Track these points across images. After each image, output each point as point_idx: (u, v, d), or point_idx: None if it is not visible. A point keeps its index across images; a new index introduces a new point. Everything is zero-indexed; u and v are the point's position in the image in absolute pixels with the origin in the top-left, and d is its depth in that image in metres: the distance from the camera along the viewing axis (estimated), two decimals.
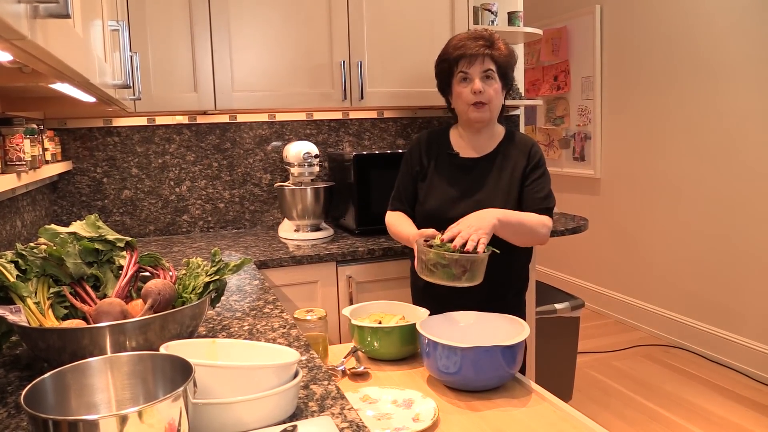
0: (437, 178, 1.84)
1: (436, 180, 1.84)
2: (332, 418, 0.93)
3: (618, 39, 4.16)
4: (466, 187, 1.81)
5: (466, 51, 1.76)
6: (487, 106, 1.77)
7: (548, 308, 2.77)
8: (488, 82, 1.76)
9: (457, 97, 1.80)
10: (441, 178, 1.84)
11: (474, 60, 1.75)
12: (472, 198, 1.78)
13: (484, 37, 1.78)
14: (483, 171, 1.82)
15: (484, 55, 1.74)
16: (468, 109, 1.78)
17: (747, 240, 3.32)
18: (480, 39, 1.77)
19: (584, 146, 4.53)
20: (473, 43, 1.76)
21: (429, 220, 1.79)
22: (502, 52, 1.76)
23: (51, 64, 0.79)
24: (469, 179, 1.81)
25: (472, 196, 1.79)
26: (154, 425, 0.70)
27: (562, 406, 1.28)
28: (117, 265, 1.28)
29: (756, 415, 2.88)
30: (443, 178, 1.84)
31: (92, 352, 1.00)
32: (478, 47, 1.75)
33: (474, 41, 1.76)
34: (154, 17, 2.27)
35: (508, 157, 1.81)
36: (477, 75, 1.75)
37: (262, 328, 1.39)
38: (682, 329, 3.76)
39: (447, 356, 1.31)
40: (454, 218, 1.67)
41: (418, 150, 1.90)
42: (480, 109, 1.77)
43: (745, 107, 3.27)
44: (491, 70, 1.75)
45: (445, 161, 1.86)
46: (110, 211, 2.61)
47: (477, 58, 1.75)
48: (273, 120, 2.78)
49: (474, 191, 1.79)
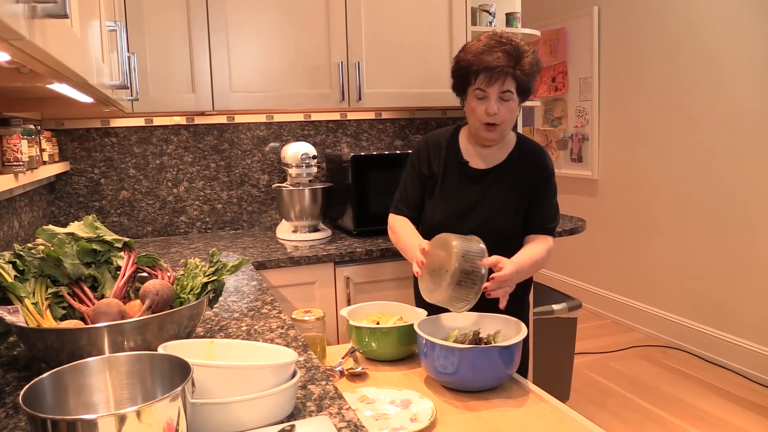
0: (446, 189, 1.77)
1: (445, 191, 1.77)
2: (330, 418, 0.93)
3: (616, 40, 4.17)
4: (475, 200, 1.74)
5: (488, 65, 1.61)
6: (499, 127, 1.68)
7: (546, 309, 2.78)
8: (505, 104, 1.65)
9: (470, 110, 1.70)
10: (450, 188, 1.77)
11: (494, 79, 1.62)
12: (480, 213, 1.73)
13: (509, 49, 1.61)
14: (492, 184, 1.75)
15: (506, 74, 1.61)
16: (479, 128, 1.70)
17: (744, 241, 3.33)
18: (505, 52, 1.61)
19: (582, 147, 4.54)
20: (497, 57, 1.61)
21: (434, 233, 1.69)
22: (527, 67, 1.63)
23: (49, 65, 0.79)
24: (478, 192, 1.75)
25: (480, 210, 1.73)
26: (153, 425, 0.70)
27: (559, 406, 1.29)
28: (115, 266, 1.28)
29: (753, 416, 2.88)
30: (452, 188, 1.77)
31: (90, 352, 1.00)
32: (502, 63, 1.61)
33: (498, 54, 1.61)
34: (151, 18, 2.27)
35: (519, 170, 1.74)
36: (494, 95, 1.64)
37: (260, 329, 1.39)
38: (679, 330, 3.77)
39: (444, 357, 1.31)
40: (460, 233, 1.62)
41: (427, 153, 1.82)
42: (491, 130, 1.69)
43: (744, 108, 3.28)
44: (510, 91, 1.64)
45: (454, 170, 1.78)
46: (108, 212, 2.60)
47: (498, 78, 1.62)
48: (271, 121, 2.78)
49: (482, 206, 1.74)
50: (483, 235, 1.62)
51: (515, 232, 1.75)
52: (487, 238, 1.58)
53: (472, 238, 1.53)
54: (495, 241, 1.66)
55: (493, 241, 1.65)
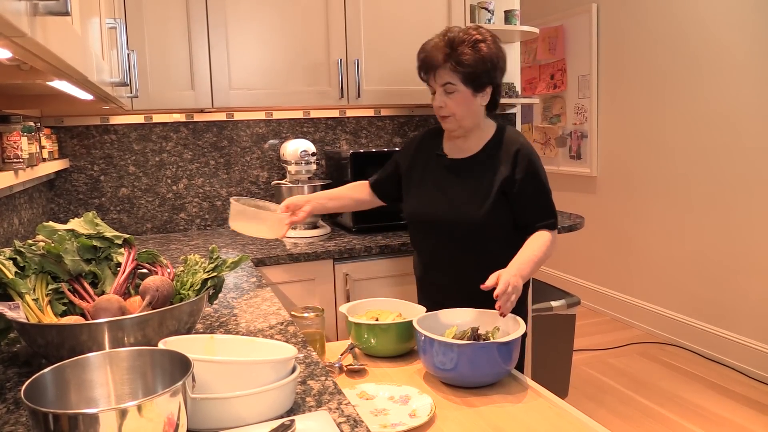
0: (423, 180, 1.83)
1: (422, 181, 1.83)
2: (329, 413, 0.94)
3: (614, 38, 4.17)
4: (447, 188, 1.77)
5: (423, 60, 1.69)
6: (452, 118, 1.70)
7: (544, 306, 2.78)
8: (450, 96, 1.67)
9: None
10: (426, 179, 1.82)
11: (431, 73, 1.67)
12: (450, 200, 1.74)
13: (447, 41, 1.65)
14: (465, 173, 1.76)
15: (438, 67, 1.64)
16: (439, 119, 1.75)
17: (743, 238, 3.33)
18: (442, 44, 1.65)
19: (581, 144, 4.54)
20: (434, 52, 1.65)
21: (411, 222, 1.86)
22: (466, 58, 1.62)
23: (50, 62, 0.79)
24: (451, 181, 1.77)
25: (450, 198, 1.74)
26: (153, 419, 0.71)
27: (558, 402, 1.29)
28: (115, 262, 1.29)
29: (752, 413, 2.89)
30: (427, 179, 1.82)
31: (91, 348, 1.00)
32: (438, 57, 1.64)
33: (436, 48, 1.65)
34: (151, 15, 2.27)
35: (492, 161, 1.73)
36: (438, 88, 1.68)
37: (259, 325, 1.39)
38: (678, 327, 3.78)
39: (443, 353, 1.32)
40: (432, 220, 1.74)
41: (410, 149, 1.90)
42: (446, 121, 1.72)
43: (742, 105, 3.29)
44: (450, 83, 1.64)
45: (432, 162, 1.83)
46: (107, 209, 2.61)
47: (436, 70, 1.66)
48: (270, 118, 2.78)
49: (453, 194, 1.75)
50: (454, 223, 1.72)
51: (493, 224, 1.71)
52: (458, 226, 1.70)
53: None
54: (470, 232, 1.71)
55: (468, 231, 1.72)
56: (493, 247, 1.71)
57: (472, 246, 1.72)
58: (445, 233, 1.75)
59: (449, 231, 1.74)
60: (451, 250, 1.76)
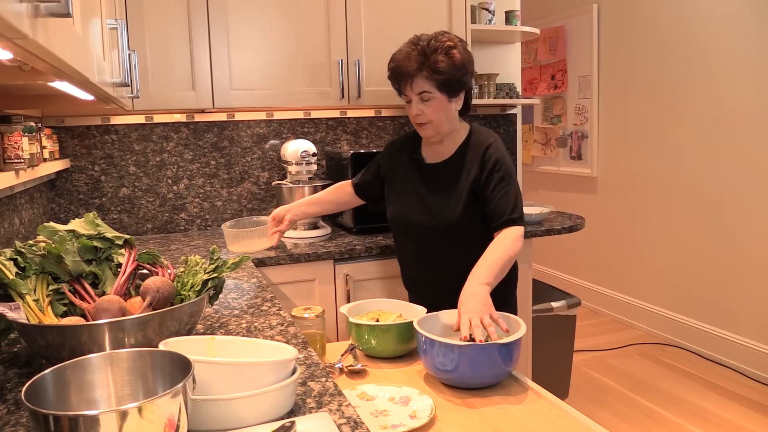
0: (401, 185, 1.87)
1: (401, 186, 1.87)
2: (330, 415, 0.94)
3: (615, 38, 4.17)
4: (424, 193, 1.81)
5: (396, 71, 1.70)
6: (429, 125, 1.73)
7: (545, 306, 2.78)
8: (427, 104, 1.69)
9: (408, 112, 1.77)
10: (404, 184, 1.86)
11: (405, 83, 1.69)
12: (428, 206, 1.79)
13: (419, 50, 1.66)
14: (441, 177, 1.80)
15: (413, 76, 1.66)
16: (416, 126, 1.78)
17: (743, 238, 3.33)
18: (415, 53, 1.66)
19: (581, 145, 4.54)
20: (406, 61, 1.66)
21: (394, 226, 1.91)
22: (439, 65, 1.63)
23: (51, 63, 0.79)
24: (429, 185, 1.81)
25: (428, 203, 1.79)
26: (154, 421, 0.71)
27: (558, 403, 1.29)
28: (116, 263, 1.29)
29: (752, 414, 2.89)
30: (406, 184, 1.86)
31: (91, 349, 1.00)
32: (412, 65, 1.65)
33: (408, 58, 1.66)
34: (152, 16, 2.27)
35: (464, 162, 1.77)
36: (414, 97, 1.69)
37: (260, 326, 1.39)
38: (678, 328, 3.78)
39: (444, 354, 1.32)
40: (415, 225, 1.79)
41: (388, 153, 1.95)
42: (423, 128, 1.75)
43: (743, 106, 3.29)
44: (426, 92, 1.66)
45: (410, 166, 1.86)
46: (108, 209, 2.61)
47: (410, 80, 1.67)
48: (271, 118, 2.79)
49: (431, 199, 1.79)
50: (434, 227, 1.76)
51: (468, 225, 1.75)
52: (439, 231, 1.75)
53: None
54: (448, 234, 1.76)
55: (447, 234, 1.76)
56: (471, 244, 1.74)
57: (450, 247, 1.78)
58: (425, 237, 1.81)
59: (428, 235, 1.80)
60: (432, 252, 1.82)
